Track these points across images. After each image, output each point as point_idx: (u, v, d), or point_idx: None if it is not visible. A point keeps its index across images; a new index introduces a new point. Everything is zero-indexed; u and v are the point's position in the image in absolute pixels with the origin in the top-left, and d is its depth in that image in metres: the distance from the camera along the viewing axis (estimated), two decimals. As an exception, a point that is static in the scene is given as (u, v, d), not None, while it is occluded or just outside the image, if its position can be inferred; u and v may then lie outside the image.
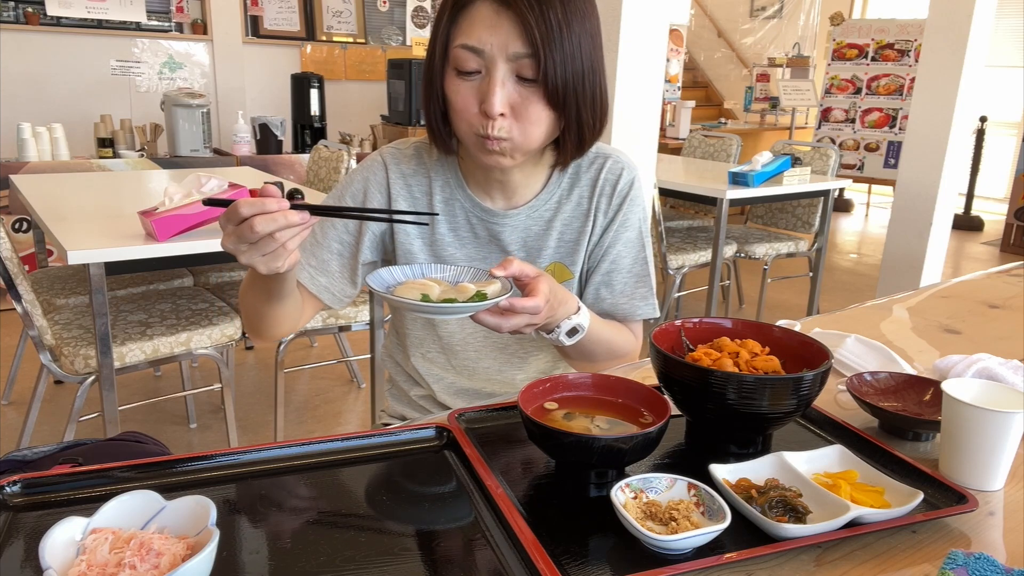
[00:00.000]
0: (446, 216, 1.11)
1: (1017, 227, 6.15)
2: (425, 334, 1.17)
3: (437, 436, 0.89)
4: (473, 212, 1.10)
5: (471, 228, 1.11)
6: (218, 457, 0.81)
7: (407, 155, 1.12)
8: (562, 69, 0.91)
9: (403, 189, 1.11)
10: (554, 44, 0.90)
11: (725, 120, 7.87)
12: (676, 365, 0.86)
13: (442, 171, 1.11)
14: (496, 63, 0.91)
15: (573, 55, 0.92)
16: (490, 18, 0.90)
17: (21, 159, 3.69)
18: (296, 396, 3.05)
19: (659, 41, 2.49)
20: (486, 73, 0.92)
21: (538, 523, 0.72)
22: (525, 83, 0.93)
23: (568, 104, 0.94)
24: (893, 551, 0.72)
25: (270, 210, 0.76)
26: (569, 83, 0.93)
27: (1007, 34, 7.16)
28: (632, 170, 1.14)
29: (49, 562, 0.60)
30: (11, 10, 4.36)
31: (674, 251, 3.47)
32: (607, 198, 1.12)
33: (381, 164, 1.11)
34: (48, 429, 2.64)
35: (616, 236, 1.13)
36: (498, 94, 0.91)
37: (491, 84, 0.91)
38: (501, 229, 1.10)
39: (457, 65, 0.93)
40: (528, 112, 0.94)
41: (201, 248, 2.00)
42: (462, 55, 0.92)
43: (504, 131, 0.94)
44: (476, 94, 0.93)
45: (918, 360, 1.25)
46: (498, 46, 0.90)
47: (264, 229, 0.76)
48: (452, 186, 1.10)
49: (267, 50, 5.26)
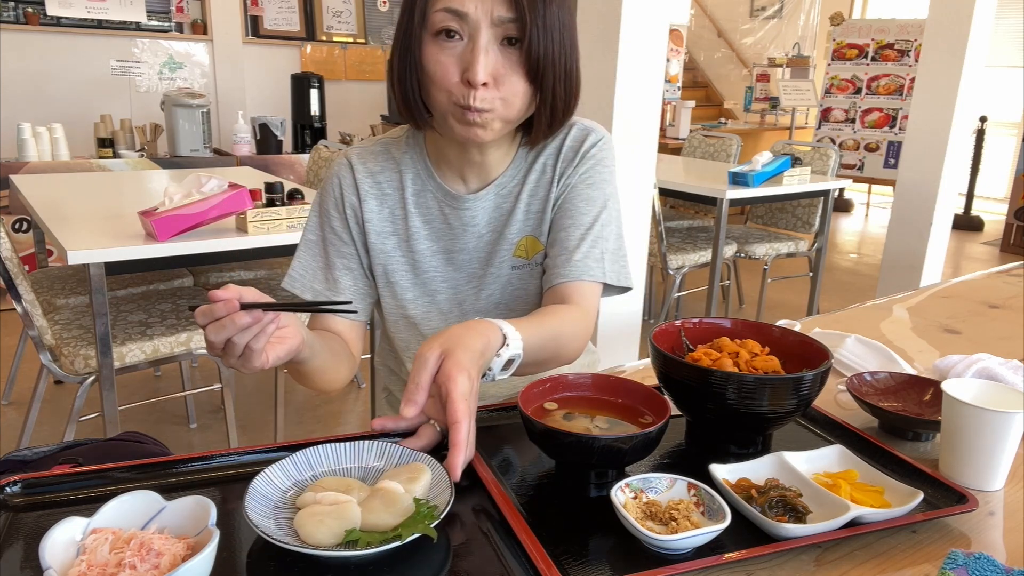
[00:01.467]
0: (419, 210, 1.09)
1: (1017, 227, 6.15)
2: (410, 336, 1.15)
3: (437, 436, 0.89)
4: (445, 201, 1.08)
5: (444, 218, 1.09)
6: (218, 457, 0.81)
7: (374, 152, 1.10)
8: (544, 37, 0.90)
9: (372, 187, 1.09)
10: (538, 10, 0.88)
11: (725, 120, 7.87)
12: (676, 365, 0.86)
13: (411, 163, 1.09)
14: (480, 28, 0.88)
15: (553, 26, 0.90)
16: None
17: (21, 159, 3.69)
18: (296, 396, 3.05)
19: (659, 41, 2.49)
20: (468, 39, 0.90)
21: (538, 523, 0.72)
22: (508, 49, 0.91)
23: (545, 77, 0.92)
24: (893, 551, 0.72)
25: (218, 316, 0.74)
26: (548, 54, 0.91)
27: (1007, 34, 7.16)
28: (600, 133, 1.10)
29: (49, 562, 0.60)
30: (11, 10, 4.36)
31: (674, 251, 3.47)
32: (569, 161, 1.08)
33: (347, 166, 1.10)
34: (48, 429, 2.64)
35: (573, 193, 1.07)
36: (482, 61, 0.88)
37: (475, 51, 0.88)
38: (474, 213, 1.08)
39: (435, 28, 0.90)
40: (510, 82, 0.91)
41: (201, 248, 2.00)
42: (443, 18, 0.89)
43: (487, 102, 0.91)
44: (457, 62, 0.90)
45: (918, 360, 1.25)
46: (483, 9, 0.88)
47: (218, 338, 0.75)
48: (423, 177, 1.08)
49: (267, 50, 5.26)
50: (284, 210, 2.13)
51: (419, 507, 0.69)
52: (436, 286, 1.12)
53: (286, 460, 0.78)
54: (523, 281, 1.12)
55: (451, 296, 1.12)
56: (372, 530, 0.68)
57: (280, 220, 2.12)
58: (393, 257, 1.10)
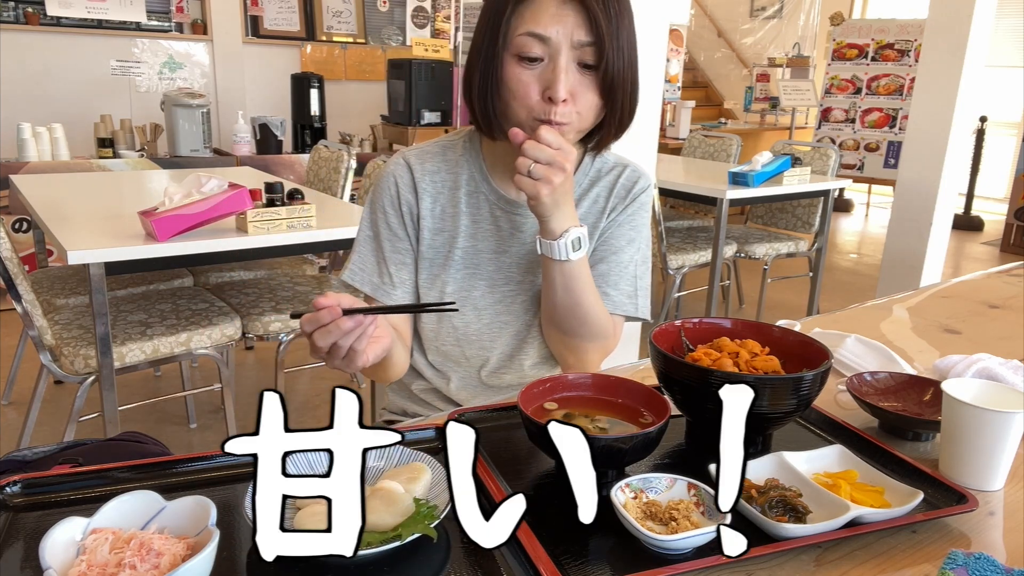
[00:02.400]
0: (469, 209, 1.14)
1: (1017, 227, 6.15)
2: (440, 328, 1.19)
3: (437, 437, 0.89)
4: (497, 204, 1.14)
5: (494, 220, 1.14)
6: (218, 457, 0.81)
7: (432, 153, 1.17)
8: (617, 58, 0.98)
9: (429, 186, 1.14)
10: (613, 33, 0.96)
11: (725, 120, 7.87)
12: (676, 365, 0.86)
13: (467, 166, 1.15)
14: (561, 50, 0.96)
15: (624, 47, 0.98)
16: (555, 7, 0.96)
17: (21, 159, 3.69)
18: (296, 396, 3.06)
19: (659, 41, 2.49)
20: (550, 60, 0.97)
21: (538, 523, 0.72)
22: (584, 71, 0.98)
23: (615, 93, 1.00)
24: (893, 551, 0.72)
25: (323, 323, 0.80)
26: (620, 73, 0.99)
27: (1007, 34, 7.16)
28: (648, 179, 1.20)
29: (49, 562, 0.60)
30: (11, 10, 4.36)
31: (674, 251, 3.47)
32: (621, 199, 1.17)
33: (405, 166, 1.15)
34: (48, 429, 2.64)
35: (619, 230, 1.17)
36: (563, 80, 0.96)
37: (556, 71, 0.96)
38: (523, 220, 1.14)
39: (520, 51, 0.97)
40: (585, 98, 0.99)
41: (201, 248, 2.00)
42: (527, 42, 0.97)
43: (566, 116, 0.98)
44: (538, 81, 0.98)
45: (918, 360, 1.25)
46: (564, 34, 0.96)
47: (324, 343, 0.81)
48: (477, 180, 1.14)
49: (267, 50, 5.26)
50: (284, 210, 2.13)
51: (419, 507, 0.69)
52: (475, 283, 1.16)
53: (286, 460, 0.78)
54: None
55: (488, 294, 1.17)
56: (372, 530, 0.68)
57: (280, 220, 2.12)
58: (440, 252, 1.15)
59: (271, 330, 2.36)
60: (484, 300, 1.16)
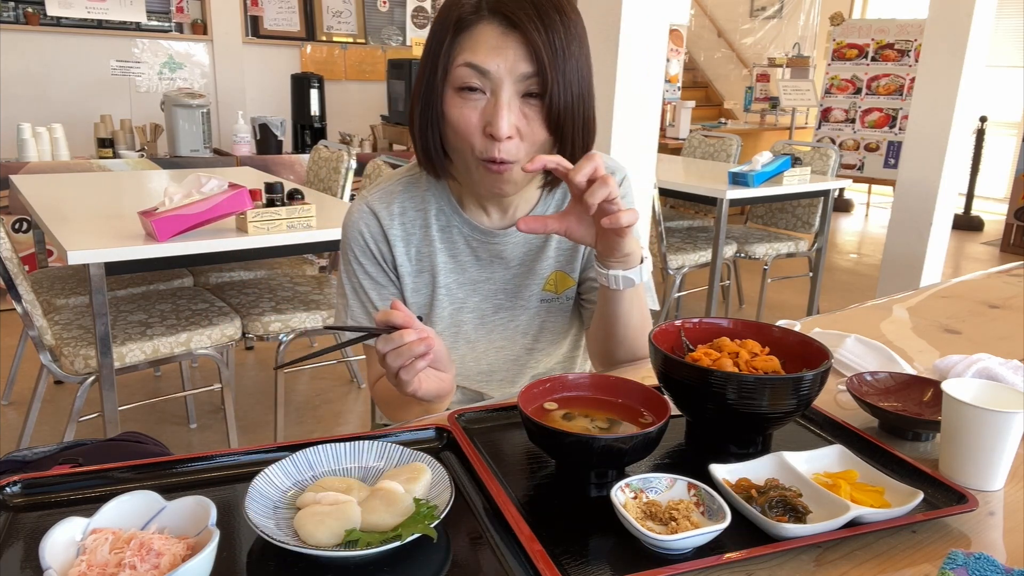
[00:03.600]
0: (445, 245, 1.10)
1: (1017, 227, 6.15)
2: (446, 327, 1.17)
3: (437, 437, 0.89)
4: (472, 236, 1.10)
5: (472, 251, 1.11)
6: (218, 457, 0.81)
7: (395, 193, 1.10)
8: (564, 91, 0.92)
9: (399, 230, 1.09)
10: (558, 65, 0.91)
11: (725, 120, 7.87)
12: (676, 365, 0.86)
13: (434, 200, 1.09)
14: (502, 84, 0.91)
15: (572, 79, 0.93)
16: (496, 39, 0.90)
17: (21, 159, 3.69)
18: (296, 396, 3.05)
19: (659, 41, 2.49)
20: (491, 95, 0.92)
21: (538, 523, 0.72)
22: (529, 101, 0.93)
23: (565, 127, 0.94)
24: (893, 551, 0.72)
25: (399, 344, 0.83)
26: (568, 106, 0.93)
27: (1007, 34, 7.16)
28: (622, 170, 1.15)
29: (49, 562, 0.60)
30: (11, 10, 4.36)
31: (674, 251, 3.47)
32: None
33: (370, 213, 1.09)
34: (48, 429, 2.64)
35: None
36: (505, 116, 0.91)
37: (498, 107, 0.91)
38: (502, 248, 1.10)
39: (458, 84, 0.92)
40: (531, 133, 0.94)
41: (201, 248, 2.00)
42: (465, 73, 0.91)
43: (510, 153, 0.93)
44: (479, 115, 0.92)
45: (918, 360, 1.25)
46: (505, 68, 0.90)
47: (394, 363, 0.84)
48: (447, 212, 1.09)
49: (267, 50, 5.26)
50: (284, 210, 2.13)
51: (419, 507, 0.69)
52: (463, 317, 1.13)
53: (286, 460, 0.78)
54: (551, 314, 1.15)
55: (478, 326, 1.14)
56: (372, 530, 0.68)
57: (280, 220, 2.12)
58: (423, 293, 1.11)
59: (271, 330, 2.36)
60: (476, 333, 1.14)
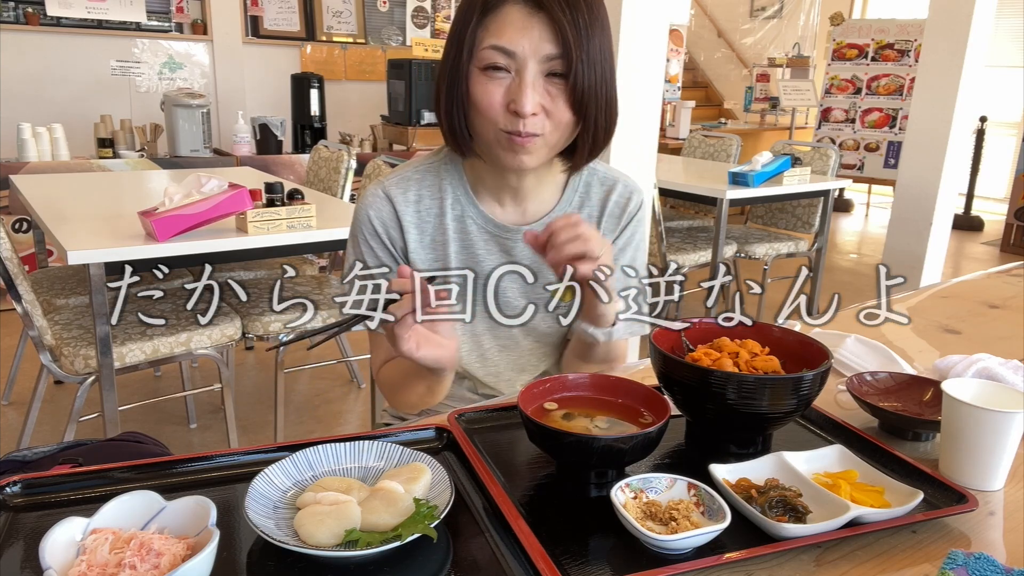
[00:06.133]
0: (458, 235, 1.10)
1: (1017, 227, 6.14)
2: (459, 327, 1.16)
3: (437, 437, 0.89)
4: (485, 227, 1.10)
5: (484, 245, 1.10)
6: (218, 457, 0.81)
7: (412, 180, 1.10)
8: (587, 71, 0.94)
9: (414, 217, 1.09)
10: (582, 46, 0.92)
11: (725, 120, 7.87)
12: (676, 365, 0.86)
13: (451, 189, 1.09)
14: (527, 64, 0.93)
15: (595, 60, 0.95)
16: (521, 20, 0.92)
17: (21, 159, 3.69)
18: (296, 396, 3.05)
19: (659, 41, 2.48)
20: (516, 74, 0.94)
21: (538, 523, 0.72)
22: (553, 81, 0.94)
23: (588, 108, 0.96)
24: (893, 551, 0.72)
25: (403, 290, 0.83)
26: (591, 87, 0.95)
27: (1007, 34, 7.15)
28: (640, 194, 1.17)
29: (49, 562, 0.60)
30: (11, 10, 4.36)
31: (674, 251, 3.47)
32: (616, 219, 1.14)
33: (384, 198, 1.09)
34: (48, 429, 2.64)
35: (623, 253, 1.15)
36: (529, 95, 0.92)
37: (522, 85, 0.93)
38: (513, 245, 1.10)
39: (483, 64, 0.94)
40: (556, 112, 0.95)
41: (201, 248, 2.00)
42: (491, 55, 0.93)
43: (535, 127, 0.94)
44: (504, 93, 0.94)
45: (918, 360, 1.25)
46: (530, 48, 0.92)
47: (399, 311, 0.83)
48: (463, 202, 1.09)
49: (267, 50, 5.26)
50: (284, 210, 2.13)
51: (419, 507, 0.69)
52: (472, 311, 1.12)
53: (286, 460, 0.78)
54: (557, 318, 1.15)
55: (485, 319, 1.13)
56: (372, 530, 0.68)
57: (280, 220, 2.12)
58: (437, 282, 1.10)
59: (271, 330, 2.36)
60: (482, 324, 1.14)
